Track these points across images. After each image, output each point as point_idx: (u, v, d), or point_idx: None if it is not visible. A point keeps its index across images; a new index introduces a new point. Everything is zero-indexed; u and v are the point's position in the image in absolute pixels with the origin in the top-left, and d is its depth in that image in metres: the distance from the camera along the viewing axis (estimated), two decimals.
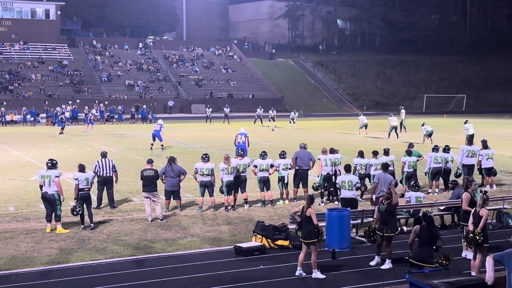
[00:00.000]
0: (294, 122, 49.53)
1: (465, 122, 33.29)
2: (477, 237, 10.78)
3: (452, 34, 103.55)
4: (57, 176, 14.79)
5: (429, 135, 34.66)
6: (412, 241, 11.74)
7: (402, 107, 47.53)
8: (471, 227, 11.08)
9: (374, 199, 15.40)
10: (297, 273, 11.39)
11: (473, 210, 11.33)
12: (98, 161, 17.51)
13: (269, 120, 50.67)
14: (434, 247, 11.36)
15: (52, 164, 15.01)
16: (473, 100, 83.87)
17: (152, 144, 31.60)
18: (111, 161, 17.69)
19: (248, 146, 25.66)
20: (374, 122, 50.30)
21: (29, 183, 21.31)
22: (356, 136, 40.09)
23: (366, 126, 41.79)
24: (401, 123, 41.94)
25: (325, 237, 13.50)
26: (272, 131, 44.82)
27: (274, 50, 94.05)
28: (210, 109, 56.09)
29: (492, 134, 38.57)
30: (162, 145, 31.54)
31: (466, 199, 12.80)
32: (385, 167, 15.87)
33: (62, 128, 42.53)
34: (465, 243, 11.30)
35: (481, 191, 11.32)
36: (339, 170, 18.44)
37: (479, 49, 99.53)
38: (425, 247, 11.22)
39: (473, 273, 10.65)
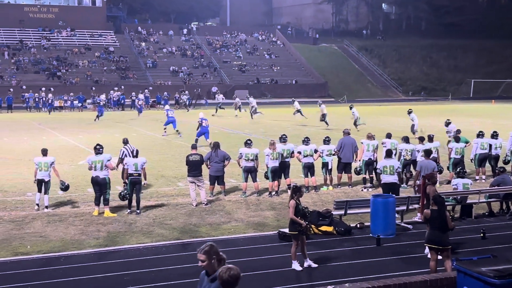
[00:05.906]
0: (301, 114, 39.06)
1: None
2: None
3: (500, 18, 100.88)
4: (109, 160, 15.26)
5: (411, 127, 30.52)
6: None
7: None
8: None
9: (416, 187, 15.25)
10: (305, 265, 11.16)
11: None
12: (127, 157, 16.40)
13: (243, 109, 45.94)
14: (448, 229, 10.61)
15: (102, 149, 15.38)
16: None
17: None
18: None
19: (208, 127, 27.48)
20: (420, 108, 49.50)
21: (78, 167, 21.76)
22: (401, 121, 39.47)
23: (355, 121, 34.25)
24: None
25: (362, 225, 13.44)
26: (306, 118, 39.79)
27: (318, 35, 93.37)
28: (221, 96, 53.37)
29: None
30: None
31: None
32: (427, 153, 15.69)
33: (98, 116, 41.78)
34: None
35: None
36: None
37: None
38: (438, 229, 10.34)
39: None
